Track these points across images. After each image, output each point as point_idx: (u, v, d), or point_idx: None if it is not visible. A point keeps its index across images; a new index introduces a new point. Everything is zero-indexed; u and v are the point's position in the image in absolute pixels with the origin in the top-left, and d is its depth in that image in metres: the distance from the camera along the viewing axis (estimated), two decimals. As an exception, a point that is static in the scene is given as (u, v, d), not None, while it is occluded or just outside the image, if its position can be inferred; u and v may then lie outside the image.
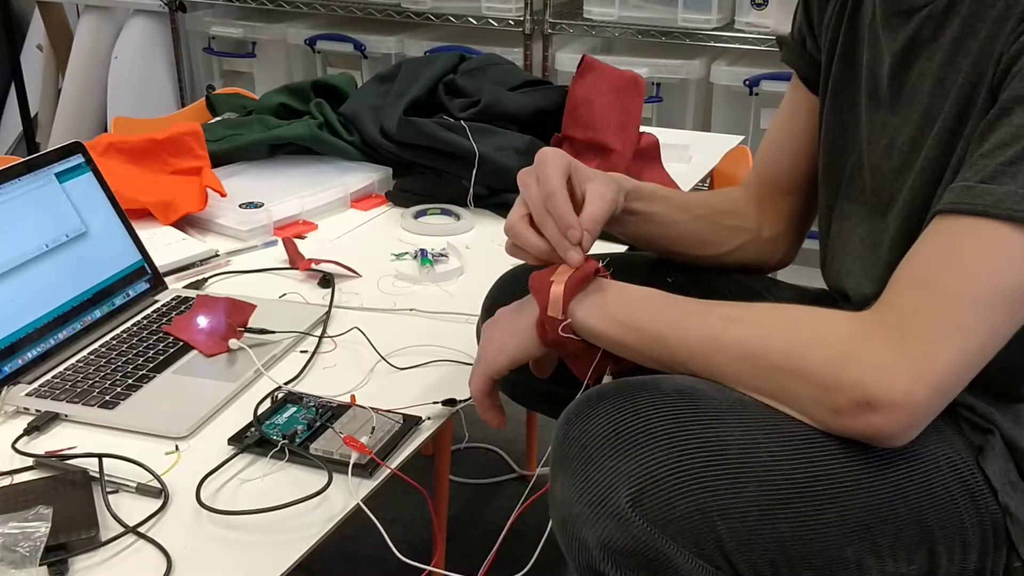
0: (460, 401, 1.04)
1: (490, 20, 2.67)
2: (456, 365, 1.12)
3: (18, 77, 3.25)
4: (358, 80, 2.73)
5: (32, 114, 3.36)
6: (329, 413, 1.00)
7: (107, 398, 1.04)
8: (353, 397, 1.00)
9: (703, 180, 1.79)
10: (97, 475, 0.91)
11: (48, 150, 1.23)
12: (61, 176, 1.22)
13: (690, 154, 1.84)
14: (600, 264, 0.88)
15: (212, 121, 1.87)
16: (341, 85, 1.83)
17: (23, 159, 1.20)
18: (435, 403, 1.02)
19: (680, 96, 2.61)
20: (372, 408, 1.00)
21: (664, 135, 1.76)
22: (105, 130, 3.04)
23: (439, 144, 1.57)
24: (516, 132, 1.64)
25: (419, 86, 1.67)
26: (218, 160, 1.68)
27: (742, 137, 1.99)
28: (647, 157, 1.66)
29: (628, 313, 0.84)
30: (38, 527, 0.81)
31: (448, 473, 1.26)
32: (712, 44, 2.54)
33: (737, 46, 2.51)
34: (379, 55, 2.79)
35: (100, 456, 0.92)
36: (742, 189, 1.13)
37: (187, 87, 3.17)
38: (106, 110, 3.27)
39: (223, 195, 1.50)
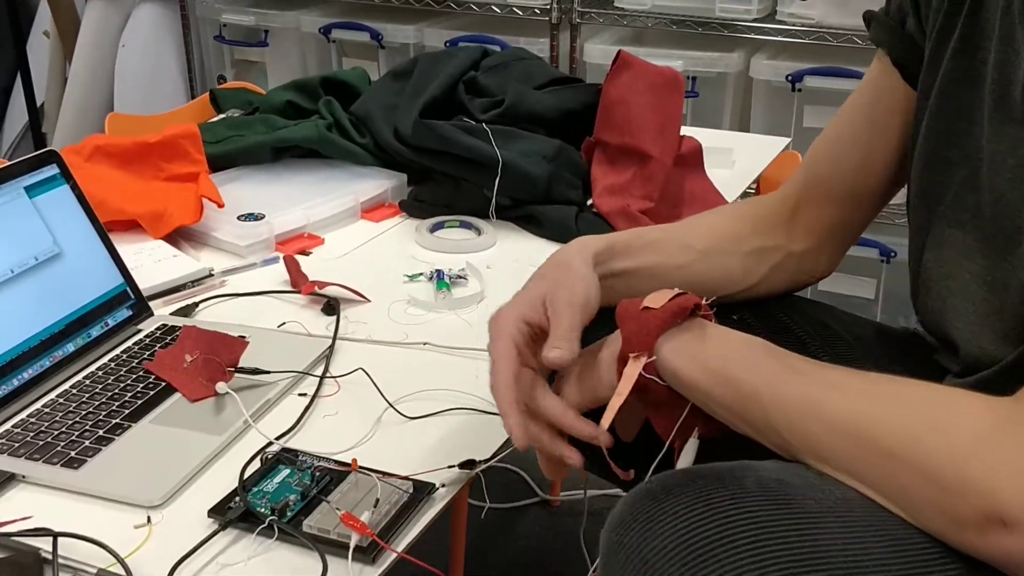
0: (480, 463, 0.89)
1: (515, 9, 2.51)
2: (474, 415, 0.98)
3: (24, 65, 3.14)
4: (375, 72, 2.60)
5: (38, 103, 3.25)
6: (327, 479, 0.86)
7: (72, 454, 0.90)
8: (355, 462, 0.86)
9: (749, 187, 1.63)
10: (51, 556, 0.77)
11: (17, 160, 1.09)
12: (32, 190, 1.08)
13: (734, 158, 1.69)
14: (703, 300, 0.75)
15: (214, 119, 1.73)
16: (353, 81, 1.68)
17: (-12, 171, 1.06)
18: (451, 467, 0.88)
19: (717, 92, 2.44)
20: (377, 474, 0.86)
21: (703, 136, 1.60)
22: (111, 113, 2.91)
23: (458, 149, 1.42)
24: (543, 136, 1.48)
25: (437, 84, 1.52)
26: (218, 163, 1.54)
27: (788, 140, 1.82)
28: (689, 164, 1.50)
29: (723, 362, 0.70)
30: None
31: (463, 546, 1.11)
32: (752, 36, 2.37)
33: (779, 38, 2.35)
34: (397, 45, 2.65)
35: (55, 535, 0.78)
36: (772, 198, 0.97)
37: (197, 76, 3.04)
38: (113, 100, 3.15)
39: (220, 205, 1.36)
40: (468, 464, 0.89)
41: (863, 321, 0.98)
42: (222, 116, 1.75)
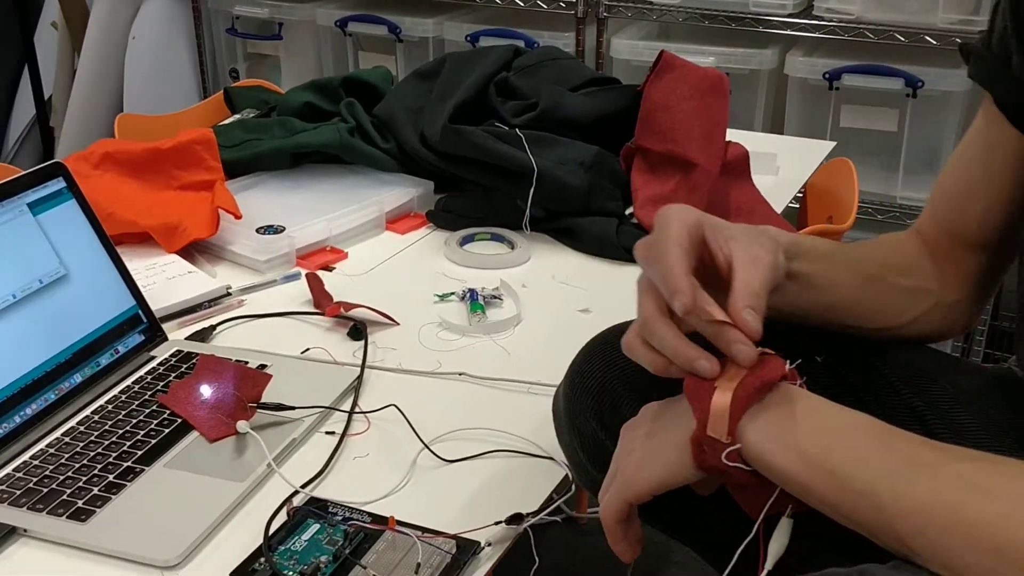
0: (528, 516, 0.81)
1: (539, 2, 2.42)
2: (516, 457, 0.90)
3: (31, 57, 3.05)
4: (392, 66, 2.51)
5: (46, 96, 3.17)
6: (360, 536, 0.77)
7: (80, 504, 0.82)
8: (392, 520, 0.77)
9: (795, 196, 1.54)
10: (56, 630, 0.69)
11: (20, 174, 1.01)
12: (36, 206, 1.00)
13: (777, 164, 1.60)
14: (788, 366, 0.63)
15: (228, 121, 1.64)
16: (375, 82, 1.59)
17: (-12, 187, 0.98)
18: (497, 524, 0.79)
19: (749, 90, 2.34)
20: (415, 531, 0.77)
21: (739, 139, 1.50)
22: (120, 114, 2.83)
23: (490, 157, 1.34)
24: (580, 142, 1.40)
25: (467, 86, 1.43)
26: (234, 169, 1.46)
27: (833, 144, 1.73)
28: (735, 172, 1.41)
29: (824, 450, 0.59)
30: None
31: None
32: (787, 31, 2.27)
33: (816, 34, 2.25)
34: (415, 39, 2.55)
35: (59, 606, 0.70)
36: (911, 238, 0.86)
37: (208, 70, 2.95)
38: (123, 93, 3.06)
39: (237, 217, 1.28)
40: (515, 519, 0.80)
41: (959, 362, 0.89)
42: (237, 117, 1.66)
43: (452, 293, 1.19)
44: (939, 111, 2.26)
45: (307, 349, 1.07)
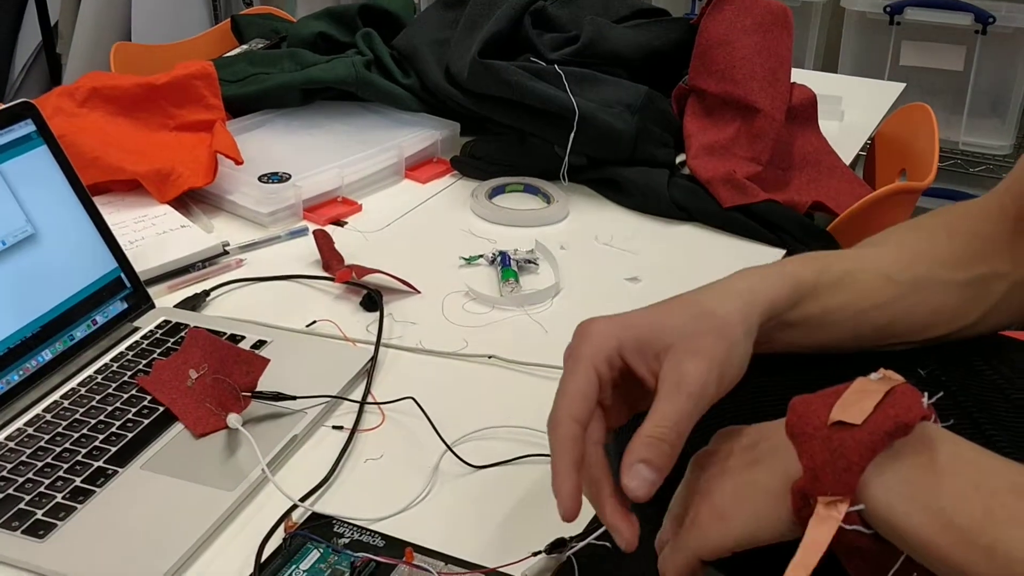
0: (571, 541, 0.67)
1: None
2: (560, 462, 0.76)
3: (36, -21, 2.89)
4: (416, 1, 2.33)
5: (52, 23, 3.03)
6: (371, 568, 0.64)
7: (39, 515, 0.69)
8: (410, 553, 0.64)
9: (864, 145, 1.38)
10: None
11: (-21, 115, 0.87)
12: (-2, 153, 0.86)
13: (842, 108, 1.43)
14: (926, 404, 0.47)
15: (234, 52, 1.48)
16: (396, 10, 1.43)
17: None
18: (535, 554, 0.66)
19: (801, 24, 2.16)
20: (437, 561, 0.64)
21: (799, 80, 1.33)
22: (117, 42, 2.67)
23: (525, 97, 1.18)
24: (627, 81, 1.23)
25: (499, 16, 1.26)
26: (238, 106, 1.31)
27: (903, 85, 1.56)
28: (801, 119, 1.25)
29: (979, 517, 0.44)
30: None
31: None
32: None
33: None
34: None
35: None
36: (983, 209, 0.71)
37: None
38: (131, 19, 2.90)
39: (239, 162, 1.13)
40: (557, 545, 0.67)
41: None
42: (244, 48, 1.50)
43: (480, 256, 1.04)
44: (1010, 50, 2.08)
45: (313, 322, 0.93)
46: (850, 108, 1.43)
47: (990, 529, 0.44)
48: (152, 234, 1.05)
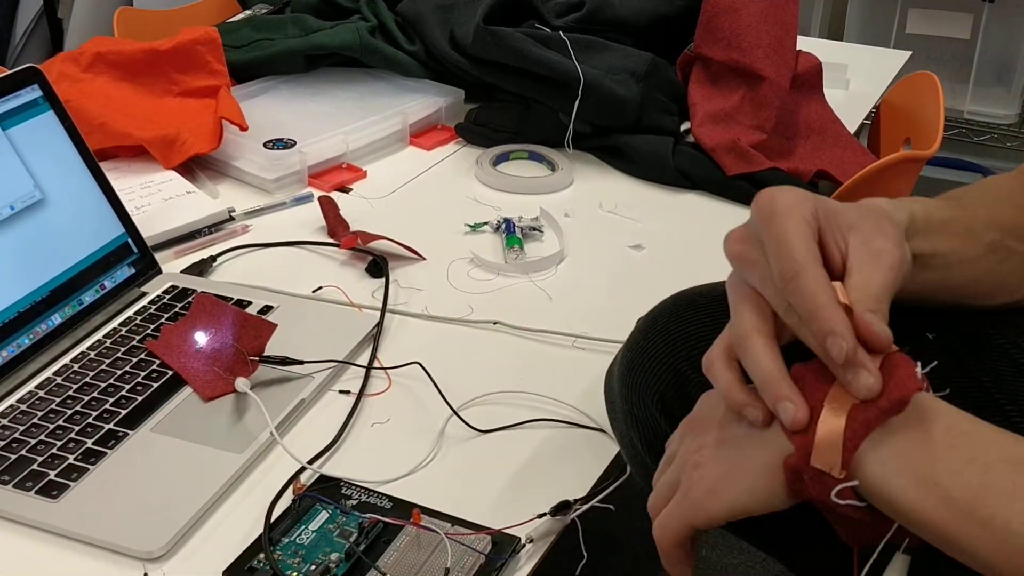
0: (575, 503, 0.68)
1: None
2: (562, 428, 0.77)
3: (36, -58, 2.87)
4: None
5: (53, -15, 3.00)
6: (379, 529, 0.65)
7: (52, 476, 0.70)
8: (417, 514, 0.65)
9: (869, 114, 1.37)
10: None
11: (-14, 80, 0.87)
12: (6, 119, 0.86)
13: (847, 76, 1.42)
14: (920, 375, 0.47)
15: (237, 17, 1.48)
16: (401, -25, 1.42)
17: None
18: (540, 516, 0.67)
19: (808, -12, 2.15)
20: (443, 523, 0.65)
21: (804, 48, 1.32)
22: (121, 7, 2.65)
23: (529, 63, 1.18)
24: (632, 48, 1.23)
25: (504, -18, 1.26)
26: (241, 73, 1.31)
27: (909, 54, 1.55)
28: (806, 87, 1.25)
29: (976, 491, 0.45)
30: None
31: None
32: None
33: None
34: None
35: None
36: None
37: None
38: (134, -17, 2.88)
39: (244, 128, 1.13)
40: (561, 508, 0.68)
41: None
42: (247, 13, 1.50)
43: (485, 223, 1.05)
44: (1018, 19, 2.07)
45: (319, 288, 0.93)
46: (855, 76, 1.43)
47: (987, 502, 0.44)
48: (158, 200, 1.06)
